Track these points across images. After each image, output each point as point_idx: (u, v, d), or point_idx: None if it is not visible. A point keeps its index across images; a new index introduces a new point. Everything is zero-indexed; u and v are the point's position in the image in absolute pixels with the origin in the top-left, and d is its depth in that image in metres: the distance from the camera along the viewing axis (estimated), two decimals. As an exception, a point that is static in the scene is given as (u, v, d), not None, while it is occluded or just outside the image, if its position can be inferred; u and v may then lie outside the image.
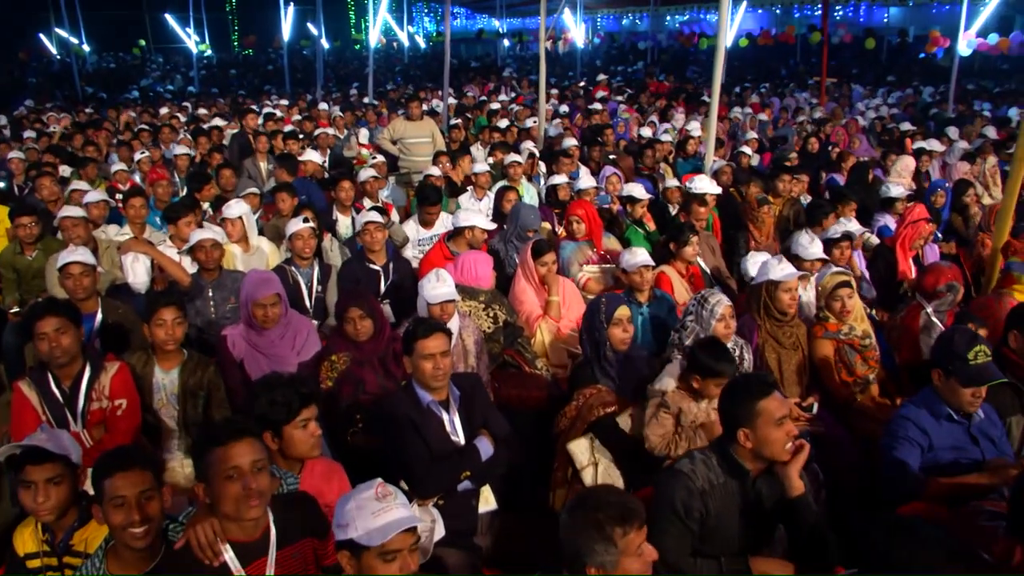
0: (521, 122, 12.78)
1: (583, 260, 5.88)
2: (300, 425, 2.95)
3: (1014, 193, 5.48)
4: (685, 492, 2.73)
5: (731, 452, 2.80)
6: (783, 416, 2.71)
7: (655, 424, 3.58)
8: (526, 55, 35.34)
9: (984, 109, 15.17)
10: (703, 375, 3.56)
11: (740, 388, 2.82)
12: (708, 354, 3.58)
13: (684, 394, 3.61)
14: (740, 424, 2.74)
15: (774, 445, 2.72)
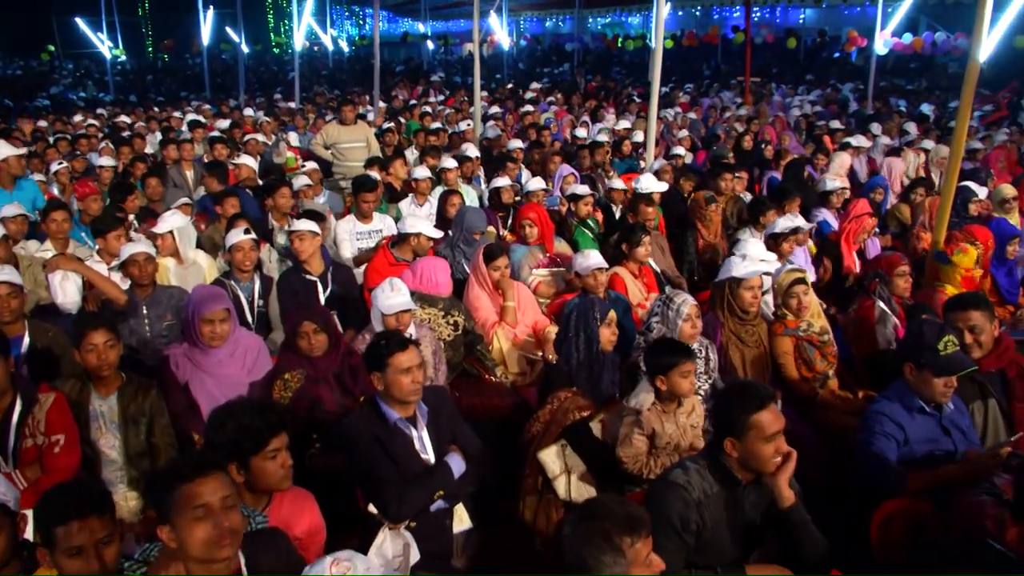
0: (453, 125, 12.64)
1: (533, 264, 5.79)
2: (270, 456, 2.71)
3: (951, 188, 5.62)
4: (682, 504, 2.65)
5: (721, 460, 2.73)
6: (776, 431, 2.65)
7: (628, 445, 3.47)
8: (451, 58, 35.18)
9: (900, 106, 15.71)
10: (664, 372, 3.46)
11: (737, 397, 2.74)
12: (659, 351, 3.53)
13: (659, 414, 3.50)
14: (729, 433, 2.68)
15: (761, 459, 2.66)
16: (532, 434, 3.71)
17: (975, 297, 4.11)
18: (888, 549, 3.05)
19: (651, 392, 3.51)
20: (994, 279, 5.74)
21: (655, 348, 3.57)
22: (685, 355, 3.45)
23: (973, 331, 3.83)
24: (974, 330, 3.83)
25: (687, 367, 3.43)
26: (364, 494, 3.29)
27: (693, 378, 3.49)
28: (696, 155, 10.70)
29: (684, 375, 3.43)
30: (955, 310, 3.93)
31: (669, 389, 3.47)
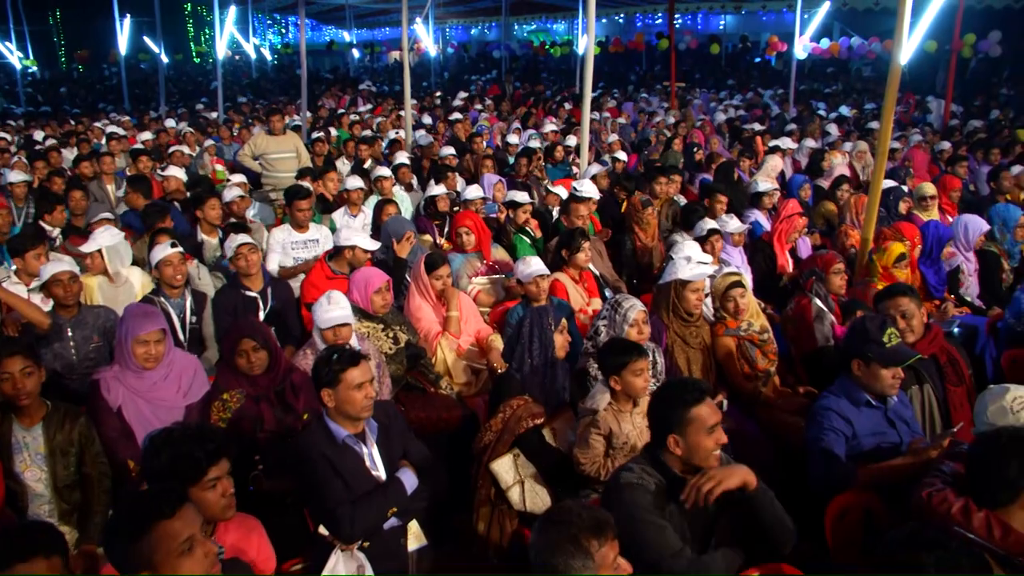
0: (384, 134, 12.50)
1: (472, 272, 5.75)
2: (209, 486, 2.57)
3: (878, 186, 5.79)
4: (643, 494, 2.65)
5: (661, 458, 2.74)
6: (715, 424, 2.67)
7: (585, 446, 3.47)
8: (377, 66, 34.91)
9: (820, 108, 16.20)
10: (618, 372, 3.49)
11: (673, 393, 2.75)
12: (611, 351, 3.57)
13: (615, 414, 3.51)
14: (671, 430, 2.69)
15: (703, 452, 2.68)
16: (484, 443, 3.65)
17: (902, 285, 4.28)
18: (842, 542, 3.10)
19: (607, 393, 3.53)
20: (923, 276, 5.93)
21: (607, 349, 3.60)
22: (637, 353, 3.49)
23: (904, 316, 4.01)
24: (905, 315, 4.02)
25: (639, 365, 3.47)
26: (313, 515, 3.19)
27: (647, 375, 3.52)
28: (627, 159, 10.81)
29: (637, 373, 3.47)
30: (885, 299, 4.11)
31: (624, 389, 3.49)
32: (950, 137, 12.46)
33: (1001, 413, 2.95)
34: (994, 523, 2.49)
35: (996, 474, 2.55)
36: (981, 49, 17.66)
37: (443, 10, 31.82)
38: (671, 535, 2.62)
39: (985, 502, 2.56)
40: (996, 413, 2.97)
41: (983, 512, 2.53)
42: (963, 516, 2.54)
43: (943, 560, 1.92)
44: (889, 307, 4.03)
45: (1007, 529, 2.47)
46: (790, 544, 2.80)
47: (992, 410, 3.01)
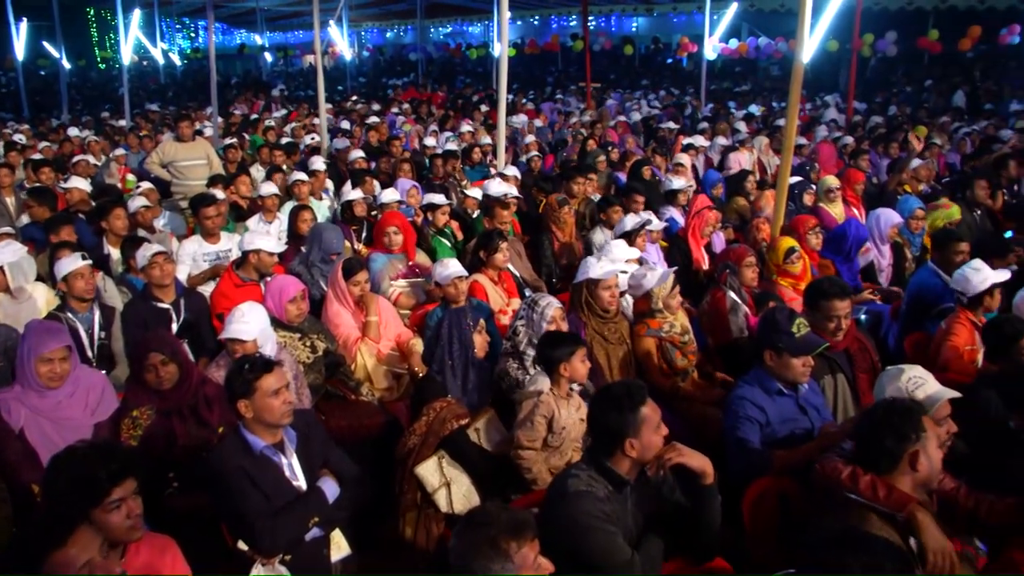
0: (299, 139, 12.30)
1: (394, 275, 5.71)
2: (112, 507, 2.42)
3: (784, 181, 5.99)
4: (593, 502, 2.65)
5: (608, 465, 2.74)
6: (659, 419, 2.73)
7: (528, 428, 3.52)
8: (291, 70, 34.33)
9: (731, 107, 16.65)
10: (567, 359, 3.58)
11: (620, 398, 2.75)
12: (555, 342, 3.64)
13: (556, 398, 3.58)
14: (626, 435, 2.69)
15: (653, 450, 2.72)
16: (408, 448, 3.63)
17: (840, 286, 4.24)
18: (759, 527, 3.19)
19: (546, 380, 3.61)
20: (836, 269, 6.13)
21: (548, 341, 3.67)
22: (579, 342, 3.64)
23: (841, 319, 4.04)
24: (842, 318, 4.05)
25: (583, 352, 3.61)
26: (232, 530, 3.11)
27: (587, 363, 3.64)
28: (544, 160, 10.91)
29: (583, 360, 3.60)
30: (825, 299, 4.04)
31: (571, 375, 3.58)
32: (853, 132, 12.97)
33: (897, 394, 3.08)
34: (879, 484, 2.62)
35: (876, 445, 2.68)
36: (879, 48, 18.45)
37: (357, 13, 31.52)
38: (621, 543, 2.64)
39: (871, 471, 2.68)
40: (893, 394, 3.09)
41: (869, 476, 2.66)
42: (851, 481, 2.67)
43: (868, 564, 1.98)
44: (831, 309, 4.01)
45: (891, 488, 2.60)
46: (716, 551, 2.89)
47: (889, 391, 3.14)
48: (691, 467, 2.72)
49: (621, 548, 2.60)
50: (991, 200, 8.07)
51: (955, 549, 2.57)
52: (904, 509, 2.56)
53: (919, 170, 8.80)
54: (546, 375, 3.66)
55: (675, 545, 2.83)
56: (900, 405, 2.72)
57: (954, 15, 19.99)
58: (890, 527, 2.56)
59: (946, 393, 3.07)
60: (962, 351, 4.30)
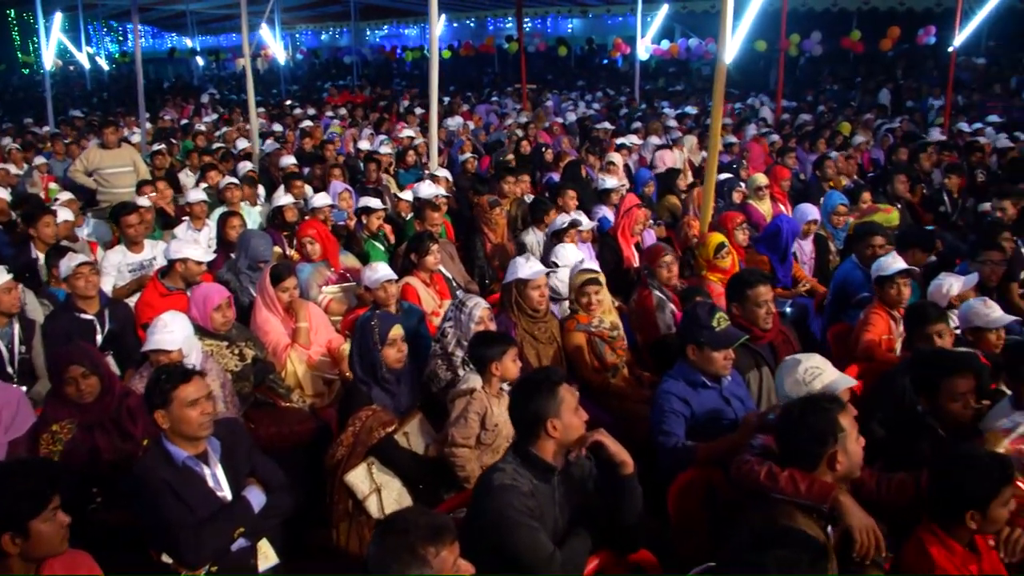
0: (231, 144, 12.09)
1: (322, 281, 5.65)
2: (50, 517, 2.43)
3: (711, 179, 6.12)
4: (518, 497, 2.66)
5: (533, 453, 2.77)
6: (577, 401, 2.79)
7: (462, 425, 3.54)
8: (223, 74, 33.70)
9: (664, 107, 16.91)
10: (498, 358, 3.62)
11: (537, 382, 2.82)
12: (487, 341, 3.69)
13: (488, 395, 3.61)
14: (547, 415, 2.74)
15: (575, 431, 2.77)
16: (337, 459, 3.60)
17: (759, 274, 4.37)
18: (685, 518, 3.25)
19: (478, 377, 3.64)
20: (772, 265, 6.27)
21: (480, 341, 3.71)
22: (509, 341, 3.68)
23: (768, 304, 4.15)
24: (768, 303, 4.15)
25: (515, 351, 3.64)
26: (156, 543, 3.05)
27: (519, 361, 3.68)
28: (480, 161, 10.94)
29: (513, 359, 3.63)
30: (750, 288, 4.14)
31: (502, 374, 3.61)
32: (781, 131, 13.31)
33: (795, 385, 3.14)
34: (798, 477, 2.67)
35: (795, 444, 2.74)
36: (805, 48, 18.91)
37: (291, 15, 31.08)
38: (544, 539, 2.66)
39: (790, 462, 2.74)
40: (791, 385, 3.16)
41: (787, 471, 2.71)
42: (770, 480, 2.72)
43: (784, 559, 2.03)
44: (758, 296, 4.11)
45: (811, 480, 2.66)
46: (640, 543, 2.93)
47: (788, 383, 3.19)
48: (610, 452, 2.77)
49: (543, 544, 2.62)
50: (911, 194, 8.37)
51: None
52: (826, 499, 2.62)
53: (839, 162, 9.06)
54: (478, 374, 3.68)
55: (601, 538, 2.86)
56: (816, 406, 2.74)
57: (876, 16, 20.66)
58: (812, 520, 2.62)
59: (843, 382, 3.13)
60: (879, 340, 4.45)
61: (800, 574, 1.98)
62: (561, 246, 5.40)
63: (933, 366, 3.32)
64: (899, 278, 4.54)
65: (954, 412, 3.21)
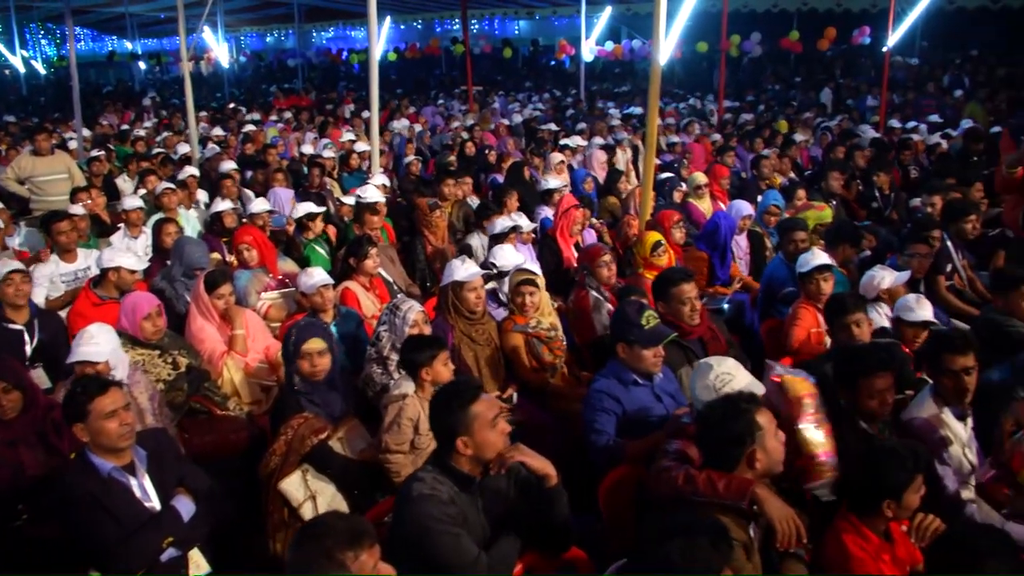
0: (171, 149, 11.87)
1: (260, 288, 5.59)
2: None
3: (649, 179, 6.20)
4: (438, 506, 2.65)
5: (451, 464, 2.76)
6: (495, 416, 2.75)
7: (395, 431, 3.54)
8: (166, 78, 33.08)
9: (609, 107, 17.06)
10: (429, 363, 3.62)
11: (449, 397, 2.79)
12: (417, 346, 3.68)
13: (421, 401, 3.60)
14: (457, 433, 2.72)
15: (491, 446, 2.73)
16: (270, 468, 3.58)
17: (683, 271, 4.49)
18: (617, 515, 3.29)
19: (411, 383, 3.63)
20: (711, 262, 6.38)
21: (410, 346, 3.70)
22: (440, 345, 3.68)
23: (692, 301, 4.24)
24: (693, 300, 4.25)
25: (445, 355, 3.65)
26: (85, 557, 3.00)
27: (451, 365, 3.69)
28: (426, 164, 10.92)
29: (444, 363, 3.65)
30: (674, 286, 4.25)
31: (434, 379, 3.61)
32: (723, 130, 13.52)
33: (706, 390, 3.16)
34: (715, 478, 2.73)
35: (715, 446, 2.81)
36: (745, 49, 19.26)
37: (234, 17, 30.62)
38: (467, 543, 2.65)
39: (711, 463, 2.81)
40: (702, 390, 3.18)
41: (704, 473, 2.77)
42: (688, 483, 2.76)
43: (686, 547, 2.07)
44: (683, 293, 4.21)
45: (729, 479, 2.72)
46: (570, 543, 2.95)
47: (699, 387, 3.22)
48: (532, 468, 2.75)
49: (466, 549, 2.62)
50: (846, 190, 8.59)
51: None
52: (744, 496, 2.67)
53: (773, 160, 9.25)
54: (411, 379, 3.68)
55: (531, 539, 2.88)
56: (733, 409, 2.79)
57: (815, 17, 21.09)
58: (734, 519, 2.67)
59: (755, 387, 3.18)
60: (808, 334, 4.57)
61: (702, 557, 2.04)
62: (499, 248, 5.42)
63: (852, 364, 3.38)
64: (818, 274, 4.66)
65: (872, 408, 3.30)
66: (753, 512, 2.70)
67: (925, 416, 3.50)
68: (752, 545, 2.67)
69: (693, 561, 2.02)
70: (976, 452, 3.57)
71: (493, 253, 5.38)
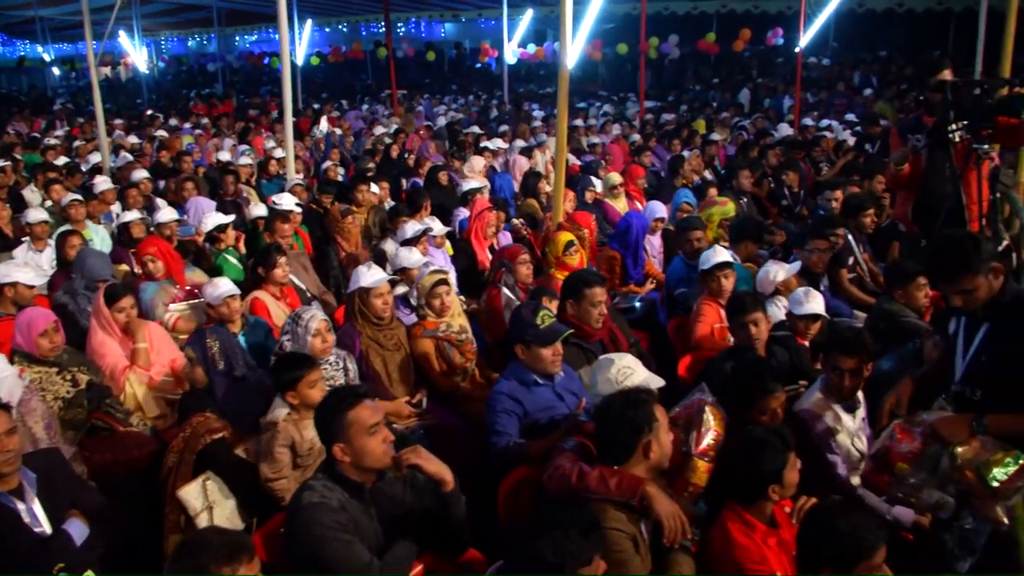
0: (83, 158, 11.52)
1: (168, 299, 5.48)
2: None
3: (560, 181, 6.28)
4: (328, 514, 2.63)
5: (340, 471, 2.75)
6: (375, 423, 2.72)
7: (271, 460, 3.47)
8: (81, 83, 32.07)
9: (534, 110, 17.19)
10: (293, 386, 3.54)
11: (328, 403, 2.79)
12: (283, 367, 3.61)
13: (296, 424, 3.53)
14: (334, 439, 2.71)
15: (372, 453, 2.71)
16: (168, 467, 3.55)
17: (598, 275, 4.58)
18: (518, 516, 3.33)
19: (285, 406, 3.55)
20: (623, 261, 6.47)
21: (278, 365, 3.63)
22: (308, 366, 3.56)
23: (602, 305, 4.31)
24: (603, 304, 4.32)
25: (313, 377, 3.54)
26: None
27: (323, 385, 3.59)
28: (347, 169, 10.84)
29: (312, 385, 3.54)
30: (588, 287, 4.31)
31: (301, 402, 3.53)
32: (643, 130, 13.75)
33: (607, 383, 3.24)
34: (607, 476, 2.79)
35: (612, 438, 2.87)
36: (664, 51, 19.63)
37: (152, 21, 29.86)
38: (358, 549, 2.63)
39: (612, 463, 2.86)
40: (603, 384, 3.26)
41: (597, 470, 2.82)
42: (580, 480, 2.81)
43: (557, 539, 2.11)
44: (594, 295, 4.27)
45: (620, 476, 2.78)
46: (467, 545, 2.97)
47: (601, 381, 3.30)
48: (428, 473, 2.75)
49: (358, 555, 2.61)
50: (757, 188, 8.82)
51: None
52: (635, 494, 2.74)
53: (691, 160, 9.46)
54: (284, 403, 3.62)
55: (427, 543, 2.89)
56: (634, 399, 2.88)
57: (733, 18, 21.64)
58: (625, 515, 2.74)
59: (653, 382, 3.28)
60: (711, 330, 4.69)
61: (573, 549, 2.09)
62: (406, 251, 5.42)
63: (750, 384, 3.43)
64: (719, 271, 4.79)
65: (763, 422, 3.36)
66: (643, 509, 2.77)
67: (814, 408, 3.64)
68: (642, 538, 2.74)
69: (564, 554, 2.07)
70: (867, 440, 3.73)
71: (398, 255, 5.37)
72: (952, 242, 3.14)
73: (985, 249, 3.05)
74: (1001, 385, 3.09)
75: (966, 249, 3.02)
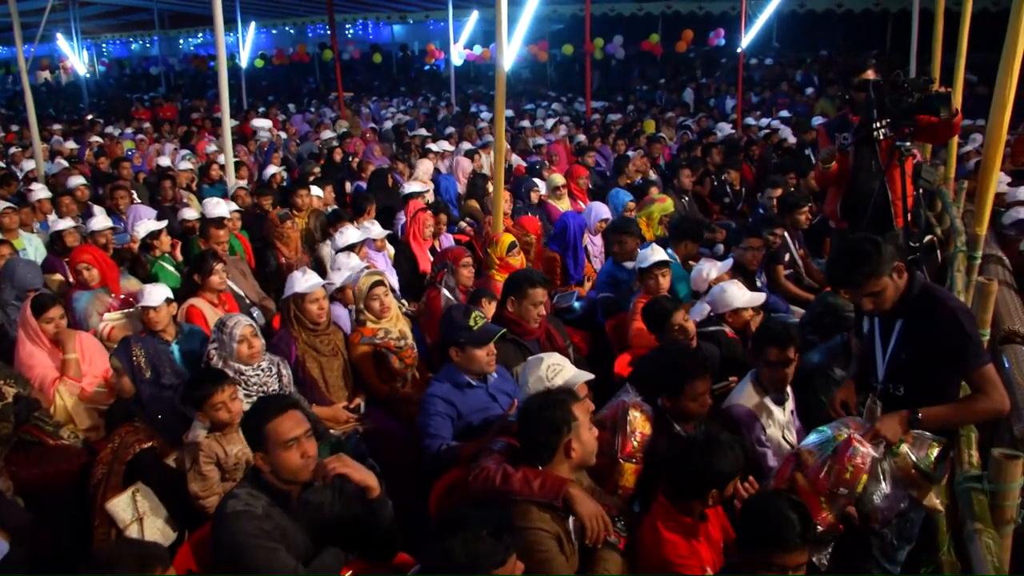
0: (18, 165, 11.24)
1: (102, 308, 5.37)
2: None
3: (500, 183, 6.29)
4: (252, 522, 2.61)
5: (265, 479, 2.74)
6: (294, 437, 2.70)
7: (199, 478, 3.41)
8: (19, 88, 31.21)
9: (481, 111, 17.20)
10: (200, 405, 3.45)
11: (253, 412, 2.78)
12: (192, 385, 3.53)
13: (218, 439, 3.48)
14: (256, 448, 2.72)
15: (290, 467, 2.70)
16: (97, 479, 3.48)
17: (542, 277, 4.59)
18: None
19: (204, 424, 3.49)
20: (563, 261, 6.52)
21: (187, 384, 3.54)
22: (215, 385, 3.46)
23: (542, 306, 4.36)
24: (543, 305, 4.36)
25: (219, 398, 3.44)
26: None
27: (239, 404, 3.50)
28: (291, 173, 10.73)
29: (216, 408, 3.44)
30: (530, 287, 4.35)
31: (212, 420, 3.46)
32: (589, 130, 13.86)
33: (538, 381, 3.27)
34: (531, 477, 2.81)
35: (533, 439, 2.90)
36: (609, 52, 19.82)
37: (92, 24, 29.22)
38: (283, 556, 2.62)
39: (535, 464, 2.89)
40: (535, 382, 3.29)
41: (520, 471, 2.84)
42: (504, 482, 2.83)
43: (467, 540, 2.12)
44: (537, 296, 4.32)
45: (543, 478, 2.81)
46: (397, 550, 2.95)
47: (531, 380, 3.33)
48: (354, 480, 2.74)
49: (282, 561, 2.60)
50: (699, 186, 8.95)
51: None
52: (558, 495, 2.77)
53: (636, 160, 9.57)
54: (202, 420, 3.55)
55: (357, 549, 2.89)
56: (551, 399, 2.90)
57: (677, 20, 21.96)
58: (550, 515, 2.77)
59: (581, 376, 3.32)
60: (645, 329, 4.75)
61: (485, 550, 2.11)
62: (345, 255, 5.40)
63: (676, 371, 3.43)
64: (656, 269, 4.86)
65: (692, 410, 3.42)
66: (566, 509, 2.79)
67: (744, 402, 3.71)
68: (567, 537, 2.78)
69: (476, 555, 2.09)
70: (796, 432, 3.81)
71: (336, 261, 5.35)
72: (851, 249, 3.11)
73: (886, 250, 3.05)
74: (922, 379, 3.15)
75: (867, 253, 3.02)
